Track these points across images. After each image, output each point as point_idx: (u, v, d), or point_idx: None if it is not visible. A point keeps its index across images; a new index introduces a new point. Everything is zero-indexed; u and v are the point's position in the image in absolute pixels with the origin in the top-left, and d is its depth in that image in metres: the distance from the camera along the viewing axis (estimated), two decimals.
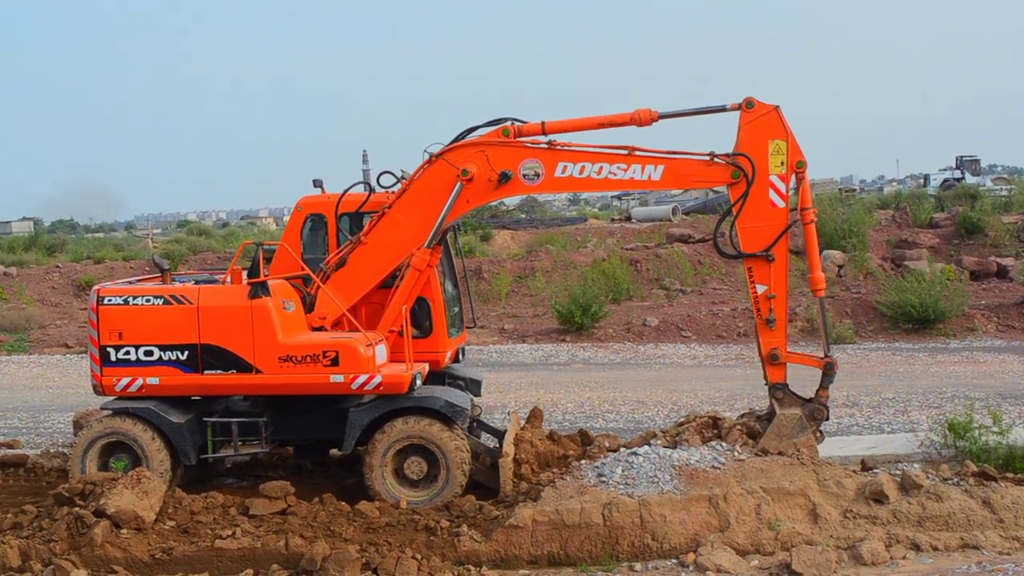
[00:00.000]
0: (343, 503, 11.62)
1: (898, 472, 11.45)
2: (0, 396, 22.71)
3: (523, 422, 14.27)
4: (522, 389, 21.12)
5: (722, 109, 12.26)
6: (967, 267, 32.95)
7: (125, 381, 12.34)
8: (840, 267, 33.96)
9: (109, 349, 12.31)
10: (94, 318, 12.36)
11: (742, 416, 13.31)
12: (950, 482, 11.29)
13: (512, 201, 68.30)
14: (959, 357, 24.38)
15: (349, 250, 12.73)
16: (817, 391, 12.39)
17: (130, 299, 12.30)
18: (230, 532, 10.82)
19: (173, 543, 10.66)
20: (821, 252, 34.11)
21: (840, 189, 63.72)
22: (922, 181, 72.69)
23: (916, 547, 10.41)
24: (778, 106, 12.09)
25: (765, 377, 12.49)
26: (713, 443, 11.91)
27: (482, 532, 10.75)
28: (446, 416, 12.29)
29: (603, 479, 11.05)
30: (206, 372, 12.21)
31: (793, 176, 12.15)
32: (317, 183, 13.57)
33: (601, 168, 12.31)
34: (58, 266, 42.25)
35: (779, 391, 12.38)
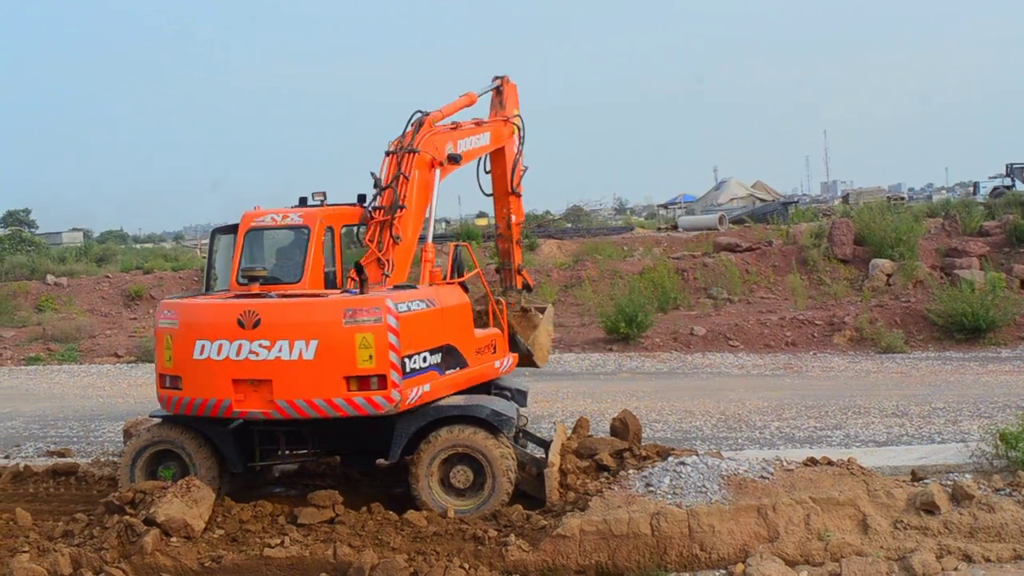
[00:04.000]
0: (391, 512, 11.64)
1: (949, 483, 11.32)
2: (51, 405, 22.99)
3: (569, 432, 14.24)
4: (568, 398, 21.09)
5: (498, 88, 15.64)
6: (1018, 275, 32.55)
7: (415, 391, 11.81)
8: (889, 276, 33.65)
9: (406, 359, 11.67)
10: (395, 324, 11.44)
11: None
12: (1002, 493, 11.14)
13: (558, 210, 68.47)
14: (1010, 367, 24.07)
15: (389, 251, 12.88)
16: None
17: (408, 305, 11.81)
18: (279, 541, 10.85)
19: (222, 551, 10.73)
20: (869, 260, 34.26)
21: (888, 197, 63.17)
22: (971, 189, 71.95)
23: (968, 558, 10.28)
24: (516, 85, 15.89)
25: (512, 283, 16.37)
26: (762, 457, 11.80)
27: (530, 542, 10.72)
28: (492, 424, 12.27)
29: (651, 489, 11.00)
30: (446, 372, 12.35)
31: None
32: (319, 195, 13.81)
33: (474, 140, 14.62)
34: (108, 276, 42.73)
35: (530, 292, 16.79)
